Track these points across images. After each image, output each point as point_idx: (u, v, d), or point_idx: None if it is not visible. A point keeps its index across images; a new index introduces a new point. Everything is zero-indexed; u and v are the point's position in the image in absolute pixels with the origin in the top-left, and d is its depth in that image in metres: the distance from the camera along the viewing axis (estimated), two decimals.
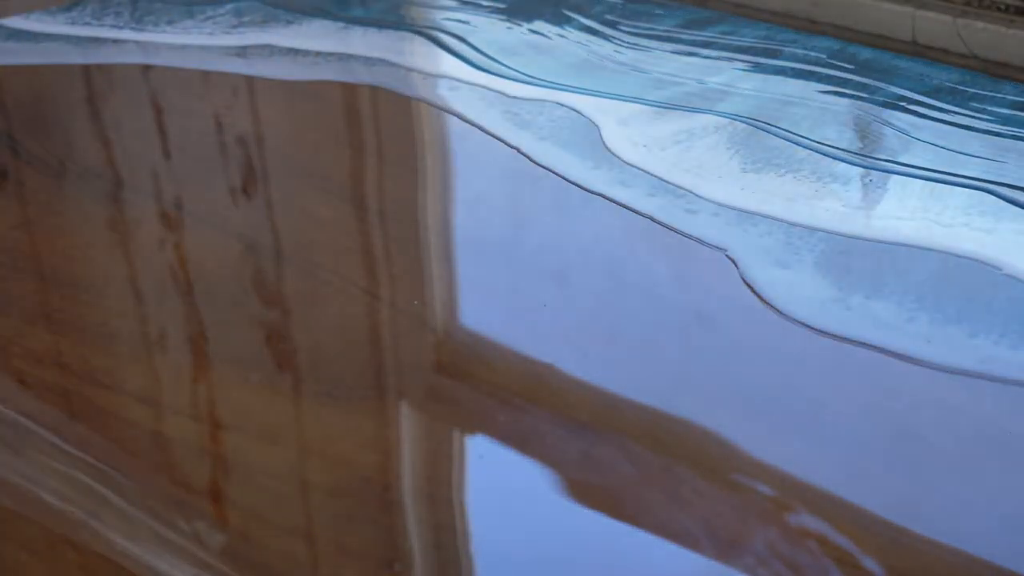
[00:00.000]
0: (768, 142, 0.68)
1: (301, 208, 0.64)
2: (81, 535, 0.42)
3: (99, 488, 0.44)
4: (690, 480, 0.45)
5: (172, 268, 0.59)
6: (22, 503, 0.44)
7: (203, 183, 0.67)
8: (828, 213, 0.61)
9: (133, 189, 0.66)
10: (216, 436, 0.46)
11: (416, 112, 0.74)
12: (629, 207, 0.63)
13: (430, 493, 0.45)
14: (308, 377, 0.50)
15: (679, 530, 0.42)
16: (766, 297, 0.55)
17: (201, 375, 0.51)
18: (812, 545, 0.42)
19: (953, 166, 0.66)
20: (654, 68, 0.80)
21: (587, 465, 0.45)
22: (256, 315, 0.55)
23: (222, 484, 0.44)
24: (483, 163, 0.71)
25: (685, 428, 0.48)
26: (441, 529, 0.43)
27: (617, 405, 0.49)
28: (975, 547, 0.42)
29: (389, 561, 0.41)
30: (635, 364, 0.52)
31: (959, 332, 0.52)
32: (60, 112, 0.75)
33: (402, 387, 0.52)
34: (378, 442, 0.47)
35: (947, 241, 0.59)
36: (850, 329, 0.52)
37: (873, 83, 0.76)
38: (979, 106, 0.73)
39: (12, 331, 0.54)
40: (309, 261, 0.60)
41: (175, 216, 0.64)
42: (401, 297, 0.56)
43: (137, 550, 0.41)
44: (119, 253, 0.61)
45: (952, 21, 0.79)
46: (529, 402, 0.49)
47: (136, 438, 0.48)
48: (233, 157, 0.69)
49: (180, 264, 0.59)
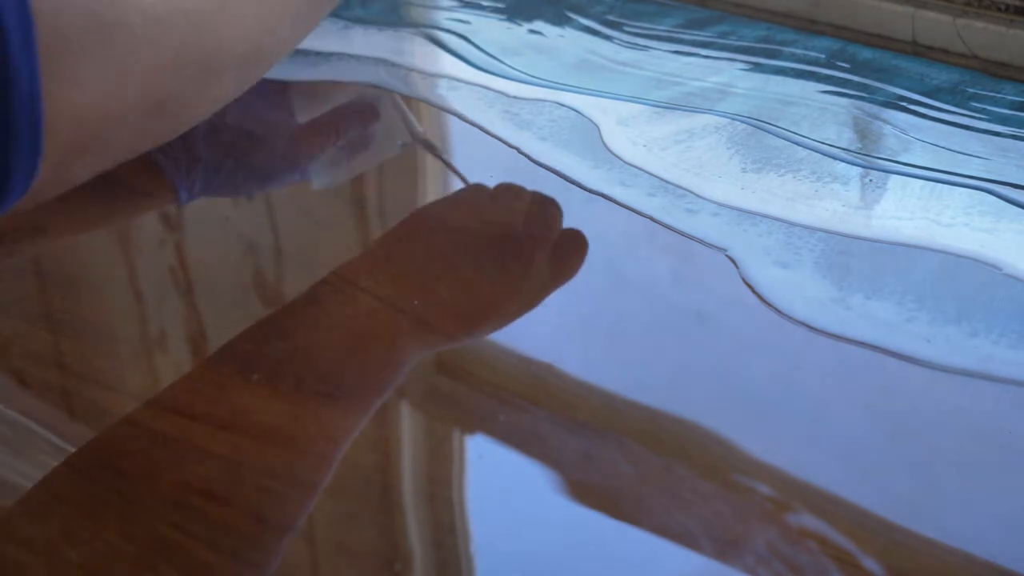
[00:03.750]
0: (768, 142, 0.68)
1: (301, 208, 0.64)
2: (81, 535, 0.42)
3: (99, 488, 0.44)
4: (690, 480, 0.45)
5: (172, 268, 0.59)
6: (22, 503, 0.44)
7: None
8: (828, 213, 0.61)
9: (133, 189, 0.66)
10: (216, 436, 0.46)
11: (416, 112, 0.74)
12: (629, 207, 0.63)
13: (430, 493, 0.45)
14: (308, 377, 0.50)
15: (679, 530, 0.42)
16: (766, 297, 0.55)
17: (201, 375, 0.51)
18: (812, 545, 0.42)
19: (953, 166, 0.66)
20: (654, 68, 0.80)
21: (587, 465, 0.45)
22: (256, 315, 0.55)
23: (222, 484, 0.44)
24: (483, 163, 0.71)
25: (685, 428, 0.48)
26: (441, 529, 0.43)
27: (617, 405, 0.49)
28: (975, 547, 0.42)
29: (389, 561, 0.41)
30: (635, 364, 0.51)
31: (959, 332, 0.52)
32: None
33: (402, 387, 0.52)
34: (378, 442, 0.47)
35: (947, 241, 0.59)
36: (850, 329, 0.52)
37: (873, 83, 0.76)
38: (979, 106, 0.73)
39: (12, 331, 0.54)
40: (309, 261, 0.60)
41: (175, 216, 0.64)
42: (401, 297, 0.56)
43: (137, 550, 0.41)
44: (119, 253, 0.61)
45: (952, 21, 0.78)
46: (529, 402, 0.49)
47: (136, 438, 0.48)
48: None
49: (180, 264, 0.59)
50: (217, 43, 0.47)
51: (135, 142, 0.47)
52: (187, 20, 0.45)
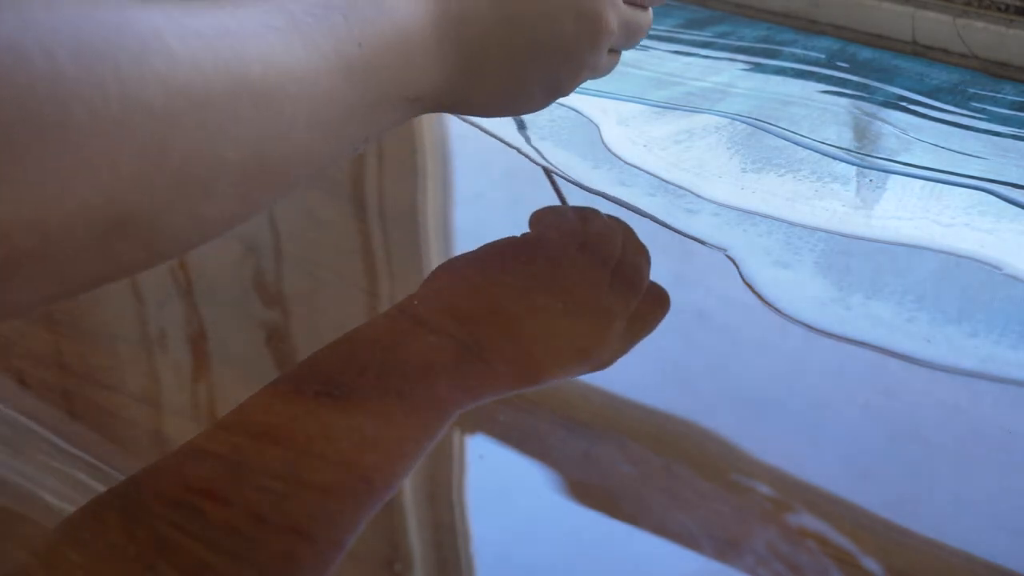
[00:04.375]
0: (768, 142, 0.68)
1: (301, 208, 0.64)
2: (81, 535, 0.42)
3: (99, 488, 0.44)
4: (690, 480, 0.45)
5: (172, 268, 0.59)
6: (22, 503, 0.44)
7: None
8: (828, 213, 0.61)
9: None
10: (216, 436, 0.46)
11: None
12: (629, 207, 0.63)
13: (430, 493, 0.45)
14: (308, 377, 0.50)
15: (679, 530, 0.42)
16: (766, 297, 0.55)
17: (201, 375, 0.51)
18: (812, 545, 0.42)
19: (953, 166, 0.66)
20: (654, 68, 0.80)
21: (587, 465, 0.45)
22: (256, 315, 0.55)
23: (222, 484, 0.44)
24: (483, 163, 0.71)
25: (685, 428, 0.48)
26: (441, 529, 0.43)
27: (617, 405, 0.49)
28: (975, 547, 0.42)
29: (389, 561, 0.41)
30: (635, 364, 0.51)
31: (959, 332, 0.52)
32: None
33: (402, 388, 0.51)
34: (378, 442, 0.47)
35: (947, 241, 0.59)
36: (850, 329, 0.52)
37: (873, 83, 0.76)
38: (979, 106, 0.73)
39: (12, 331, 0.54)
40: (309, 261, 0.60)
41: None
42: (401, 297, 0.56)
43: (137, 550, 0.41)
44: None
45: (952, 21, 0.79)
46: (529, 402, 0.49)
47: (136, 438, 0.48)
48: None
49: (180, 264, 0.59)
50: (198, 148, 0.39)
51: (96, 266, 0.38)
52: (152, 119, 0.37)
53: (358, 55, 0.46)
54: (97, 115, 0.35)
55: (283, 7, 0.44)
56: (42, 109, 0.34)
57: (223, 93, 0.39)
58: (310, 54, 0.43)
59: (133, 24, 0.38)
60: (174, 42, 0.38)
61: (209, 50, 0.39)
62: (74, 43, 0.35)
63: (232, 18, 0.41)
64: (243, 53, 0.41)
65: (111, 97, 0.36)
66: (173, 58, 0.38)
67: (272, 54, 0.42)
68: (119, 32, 0.37)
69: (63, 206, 0.35)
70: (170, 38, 0.38)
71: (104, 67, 0.36)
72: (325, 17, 0.45)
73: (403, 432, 0.47)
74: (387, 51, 0.47)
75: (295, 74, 0.42)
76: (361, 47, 0.46)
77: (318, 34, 0.44)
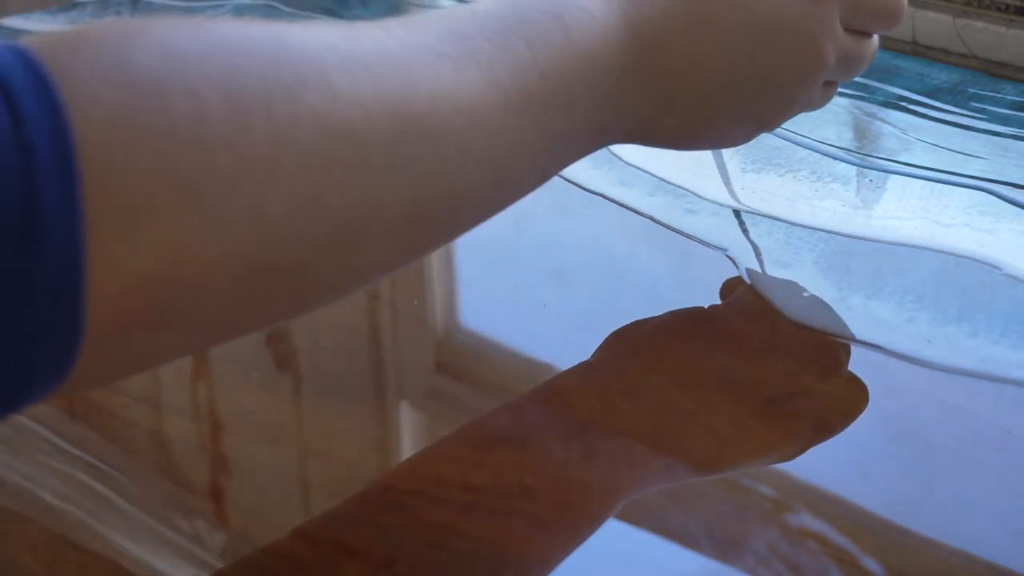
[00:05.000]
0: (768, 142, 0.68)
1: None
2: (81, 535, 0.42)
3: (99, 488, 0.44)
4: (690, 480, 0.45)
5: None
6: (22, 503, 0.44)
7: None
8: (828, 213, 0.61)
9: None
10: (216, 436, 0.46)
11: None
12: (629, 207, 0.63)
13: (430, 493, 0.45)
14: (308, 377, 0.50)
15: (679, 530, 0.42)
16: (766, 297, 0.55)
17: (201, 375, 0.51)
18: (812, 545, 0.42)
19: (953, 166, 0.66)
20: None
21: (587, 465, 0.45)
22: None
23: (222, 484, 0.44)
24: None
25: (685, 428, 0.48)
26: (441, 529, 0.43)
27: (617, 405, 0.49)
28: (975, 547, 0.42)
29: (389, 561, 0.41)
30: (635, 364, 0.51)
31: (959, 332, 0.52)
32: None
33: (402, 387, 0.52)
34: (378, 442, 0.47)
35: (947, 241, 0.59)
36: (850, 329, 0.52)
37: (873, 83, 0.76)
38: (979, 106, 0.73)
39: None
40: None
41: None
42: (401, 297, 0.56)
43: (137, 550, 0.41)
44: None
45: (952, 21, 0.78)
46: (529, 402, 0.49)
47: (136, 438, 0.48)
48: None
49: None
50: (354, 193, 0.35)
51: (240, 315, 0.36)
52: (304, 162, 0.33)
53: (539, 86, 0.40)
54: (243, 161, 0.32)
55: (459, 31, 0.39)
56: (182, 156, 0.31)
57: (384, 131, 0.35)
58: (485, 85, 0.39)
59: (291, 55, 0.34)
60: (336, 76, 0.35)
61: (374, 84, 0.35)
62: (222, 80, 0.32)
63: (401, 46, 0.37)
64: (410, 86, 0.36)
65: (259, 141, 0.32)
66: (333, 93, 0.34)
67: (441, 85, 0.37)
68: (276, 65, 0.34)
69: (204, 258, 0.32)
70: (332, 71, 0.35)
71: (255, 107, 0.33)
72: (506, 44, 0.40)
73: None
74: (574, 82, 0.42)
75: (465, 107, 0.38)
76: (543, 77, 0.40)
77: (497, 62, 0.39)
